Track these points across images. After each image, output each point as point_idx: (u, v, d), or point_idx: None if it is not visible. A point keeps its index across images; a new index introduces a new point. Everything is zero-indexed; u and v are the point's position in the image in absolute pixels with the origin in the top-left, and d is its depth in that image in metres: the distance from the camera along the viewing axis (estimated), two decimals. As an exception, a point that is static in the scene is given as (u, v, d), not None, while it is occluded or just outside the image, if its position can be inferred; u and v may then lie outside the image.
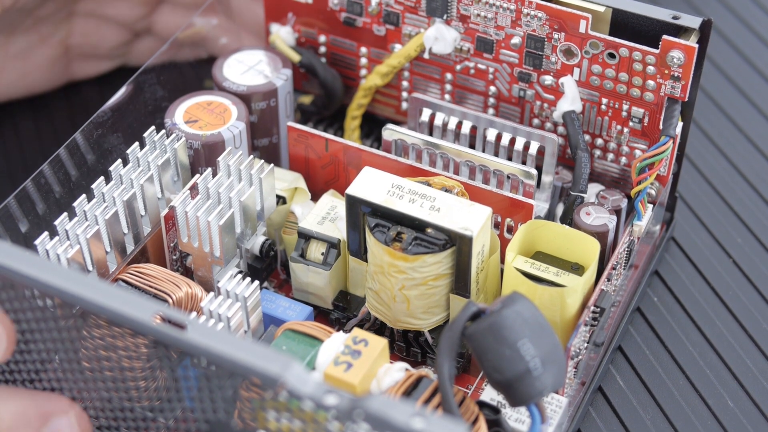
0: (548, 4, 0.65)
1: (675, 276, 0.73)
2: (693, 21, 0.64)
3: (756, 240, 0.74)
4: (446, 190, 0.63)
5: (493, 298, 0.65)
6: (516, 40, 0.67)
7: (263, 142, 0.72)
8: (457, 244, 0.60)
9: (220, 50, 0.77)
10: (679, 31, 0.64)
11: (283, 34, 0.74)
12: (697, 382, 0.67)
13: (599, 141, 0.69)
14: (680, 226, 0.75)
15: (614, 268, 0.64)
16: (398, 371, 0.58)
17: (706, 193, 0.78)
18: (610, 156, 0.69)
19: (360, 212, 0.62)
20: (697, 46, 0.63)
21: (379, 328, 0.65)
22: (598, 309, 0.62)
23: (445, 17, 0.69)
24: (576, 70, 0.67)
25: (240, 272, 0.62)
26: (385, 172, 0.63)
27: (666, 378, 0.67)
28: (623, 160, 0.69)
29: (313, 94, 0.75)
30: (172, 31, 0.79)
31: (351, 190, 0.62)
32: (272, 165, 0.65)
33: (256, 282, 0.60)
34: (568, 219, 0.66)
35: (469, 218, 0.60)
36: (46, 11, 0.77)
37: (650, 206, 0.66)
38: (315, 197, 0.69)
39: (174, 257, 0.66)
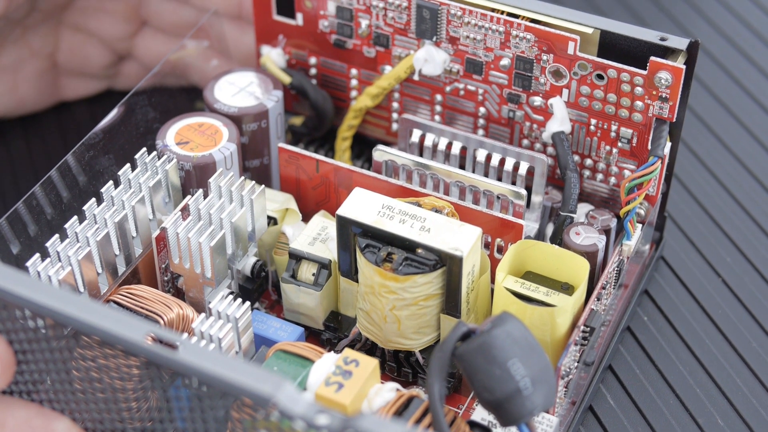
0: (537, 26, 0.66)
1: (664, 295, 0.73)
2: (680, 42, 0.64)
3: (745, 259, 0.75)
4: (437, 211, 0.63)
5: (483, 317, 0.65)
6: (505, 61, 0.68)
7: (254, 163, 0.72)
8: (448, 264, 0.60)
9: (209, 73, 0.77)
10: (667, 52, 0.65)
11: (273, 56, 0.75)
12: (687, 401, 0.67)
13: (588, 161, 0.69)
14: (669, 245, 0.76)
15: (604, 288, 0.64)
16: (389, 391, 0.58)
17: (695, 212, 0.78)
18: (599, 176, 0.70)
19: (351, 233, 0.62)
20: (684, 67, 0.63)
21: (370, 348, 0.66)
22: (588, 328, 0.63)
23: (434, 39, 0.69)
24: (565, 91, 0.67)
25: (231, 293, 0.62)
26: (375, 192, 0.63)
27: (656, 397, 0.68)
28: (612, 180, 0.70)
29: (304, 116, 0.76)
30: (153, 57, 0.80)
31: (342, 211, 0.62)
32: (263, 186, 0.65)
33: (248, 303, 0.60)
34: (558, 239, 0.67)
35: (459, 239, 0.61)
36: (34, 21, 0.78)
37: (639, 226, 0.67)
38: (306, 218, 0.69)
39: (165, 278, 0.66)
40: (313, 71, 0.75)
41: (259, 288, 0.68)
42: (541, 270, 0.64)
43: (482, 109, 0.71)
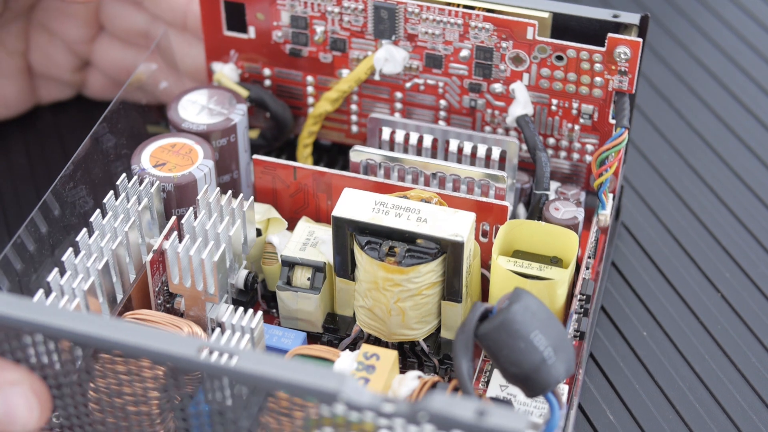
0: (495, 15, 0.68)
1: (627, 263, 0.76)
2: (633, 17, 0.67)
3: (699, 222, 0.79)
4: (425, 202, 0.65)
5: (476, 300, 0.67)
6: (465, 53, 0.70)
7: (224, 178, 0.72)
8: (449, 250, 0.62)
9: (162, 95, 0.77)
10: (620, 27, 0.68)
11: (227, 72, 0.75)
12: (656, 374, 0.70)
13: (551, 140, 0.72)
14: (627, 210, 0.79)
15: (589, 257, 0.67)
16: (413, 380, 0.60)
17: (650, 176, 0.82)
18: (563, 153, 0.73)
19: (347, 232, 0.63)
20: (641, 40, 0.67)
21: (373, 344, 0.67)
22: (584, 296, 0.65)
23: (393, 38, 0.71)
24: (525, 75, 0.70)
25: (242, 306, 0.63)
26: (365, 191, 0.64)
27: (631, 377, 0.70)
28: (575, 156, 0.72)
29: (259, 128, 0.77)
30: (109, 64, 0.81)
31: (337, 212, 0.63)
32: (251, 198, 0.66)
33: (260, 313, 0.61)
34: (535, 217, 0.69)
35: (456, 225, 0.62)
36: (6, 19, 0.79)
37: (611, 195, 0.70)
38: (287, 227, 0.70)
39: (159, 301, 0.66)
40: (267, 83, 0.76)
41: (251, 300, 0.69)
42: (528, 247, 0.67)
43: (443, 102, 0.73)
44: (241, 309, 0.61)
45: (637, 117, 0.86)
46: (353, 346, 0.67)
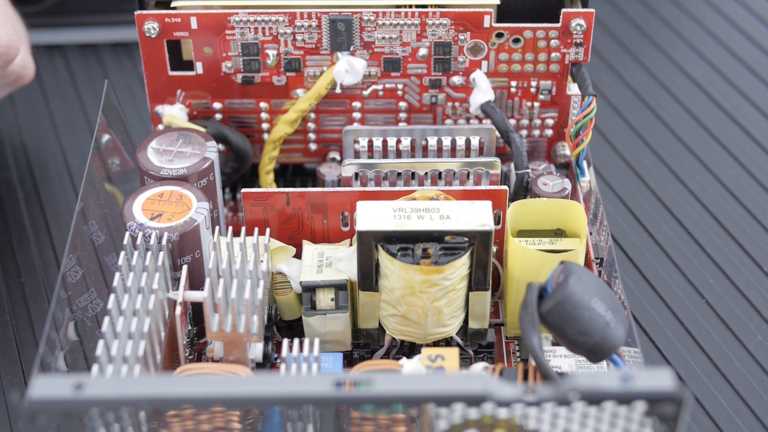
0: (451, 9, 0.70)
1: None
2: (577, -10, 0.71)
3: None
4: (435, 200, 0.66)
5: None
6: (423, 51, 0.71)
7: (205, 219, 0.71)
8: (477, 240, 0.63)
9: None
10: (564, 2, 0.71)
11: (176, 113, 0.73)
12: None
13: (512, 121, 0.75)
14: (611, 217, 0.82)
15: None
16: (482, 372, 0.61)
17: (634, 183, 0.85)
18: (523, 132, 0.75)
19: (372, 245, 0.64)
20: (594, 10, 0.70)
21: (407, 350, 0.67)
22: (599, 259, 0.68)
23: (351, 49, 0.71)
24: (484, 63, 0.72)
25: (299, 341, 0.62)
26: (378, 201, 0.65)
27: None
28: (536, 132, 0.75)
29: (213, 164, 0.75)
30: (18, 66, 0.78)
31: (362, 227, 0.63)
32: (267, 232, 0.65)
33: (317, 340, 0.60)
34: (521, 196, 0.71)
35: (479, 215, 0.64)
36: None
37: (584, 163, 0.73)
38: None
39: (186, 353, 0.64)
40: (218, 116, 0.74)
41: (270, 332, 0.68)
42: (530, 225, 0.69)
43: (403, 104, 0.74)
44: (297, 341, 0.60)
45: (620, 124, 0.89)
46: (387, 356, 0.67)
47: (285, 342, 0.61)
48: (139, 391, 0.49)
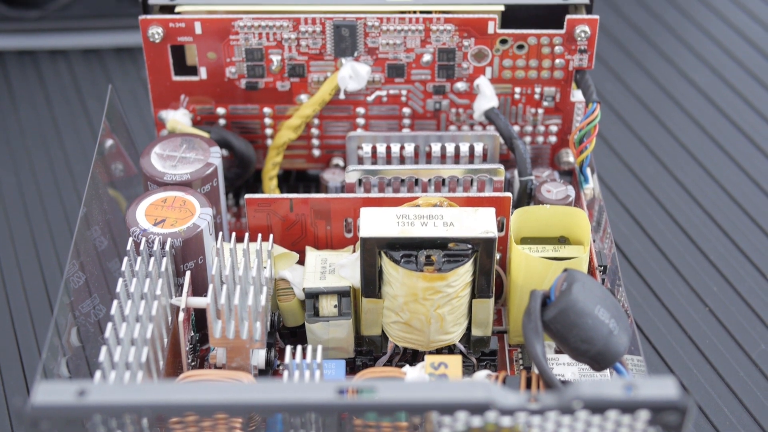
0: (455, 15, 0.70)
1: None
2: (581, -3, 0.71)
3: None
4: (439, 206, 0.66)
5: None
6: (427, 57, 0.71)
7: (209, 225, 0.71)
8: (481, 248, 0.63)
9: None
10: (569, 8, 0.71)
11: (179, 118, 0.73)
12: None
13: (515, 128, 0.75)
14: (614, 224, 0.82)
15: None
16: (485, 379, 0.61)
17: (637, 190, 0.85)
18: (527, 139, 0.75)
19: (375, 252, 0.63)
20: (598, 17, 0.70)
21: (410, 357, 0.67)
22: (602, 267, 0.68)
23: (355, 54, 0.71)
24: (488, 69, 0.72)
25: (300, 347, 0.62)
26: (381, 207, 0.65)
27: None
28: (540, 139, 0.75)
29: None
30: None
31: (365, 233, 0.63)
32: (271, 238, 0.65)
33: (320, 347, 0.60)
34: (524, 203, 0.71)
35: (483, 222, 0.64)
36: None
37: (588, 170, 0.73)
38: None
39: (188, 360, 0.64)
40: (222, 122, 0.74)
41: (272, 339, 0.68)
42: (533, 233, 0.69)
43: (406, 110, 0.74)
44: (299, 348, 0.60)
45: (624, 131, 0.88)
46: (390, 363, 0.67)
47: (288, 349, 0.60)
48: (142, 398, 0.49)
